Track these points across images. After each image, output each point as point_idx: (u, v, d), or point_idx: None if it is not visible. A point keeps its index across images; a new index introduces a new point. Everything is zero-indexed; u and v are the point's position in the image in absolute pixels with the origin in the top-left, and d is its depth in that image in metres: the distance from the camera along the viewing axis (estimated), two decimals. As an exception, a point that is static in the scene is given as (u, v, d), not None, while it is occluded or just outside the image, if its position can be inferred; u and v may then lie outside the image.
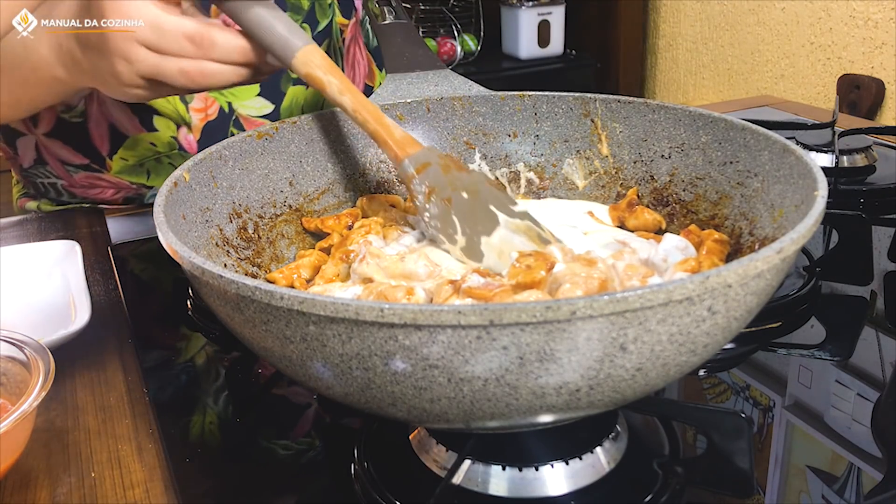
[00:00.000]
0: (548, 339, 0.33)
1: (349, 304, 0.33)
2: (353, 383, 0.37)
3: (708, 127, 0.56)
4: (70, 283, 0.67)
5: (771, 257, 0.36)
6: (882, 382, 0.56)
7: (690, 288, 0.33)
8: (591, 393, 0.36)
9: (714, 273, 0.34)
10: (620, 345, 0.34)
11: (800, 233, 0.38)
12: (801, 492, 0.47)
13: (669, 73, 2.28)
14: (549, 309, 0.32)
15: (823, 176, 0.44)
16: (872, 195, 0.83)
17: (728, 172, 0.54)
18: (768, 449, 0.50)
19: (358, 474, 0.47)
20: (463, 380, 0.35)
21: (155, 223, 0.45)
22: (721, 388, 0.57)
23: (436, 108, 0.66)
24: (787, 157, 0.48)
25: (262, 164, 0.59)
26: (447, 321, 0.32)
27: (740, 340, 0.61)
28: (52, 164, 0.90)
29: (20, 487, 0.48)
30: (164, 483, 0.48)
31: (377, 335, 0.34)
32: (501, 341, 0.33)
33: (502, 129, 0.66)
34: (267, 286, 0.35)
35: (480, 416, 0.37)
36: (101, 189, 0.91)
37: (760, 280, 0.37)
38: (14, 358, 0.49)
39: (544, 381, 0.35)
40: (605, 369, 0.35)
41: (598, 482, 0.45)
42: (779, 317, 0.63)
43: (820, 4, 1.75)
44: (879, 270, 0.70)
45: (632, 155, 0.61)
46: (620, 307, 0.33)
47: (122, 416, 0.54)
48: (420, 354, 0.34)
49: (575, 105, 0.63)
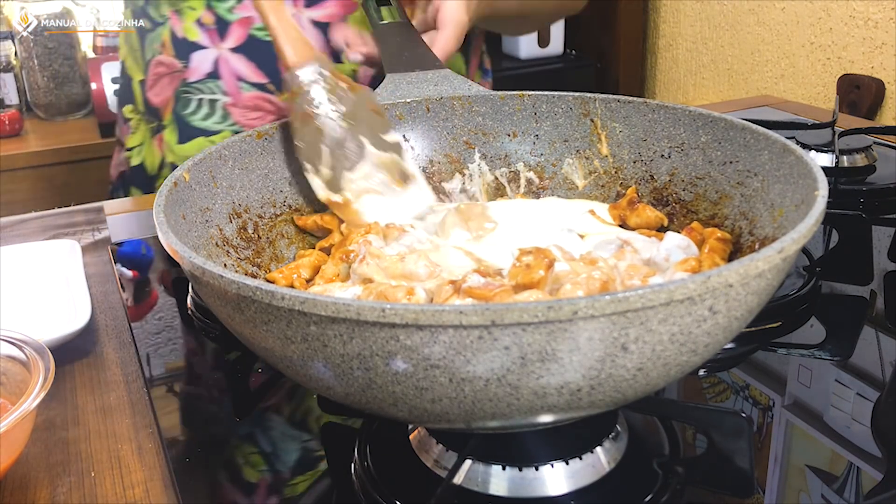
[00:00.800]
0: (549, 339, 0.33)
1: (350, 304, 0.33)
2: (354, 383, 0.37)
3: (708, 127, 0.56)
4: (70, 283, 0.67)
5: (772, 257, 0.36)
6: (882, 382, 0.56)
7: (692, 288, 0.33)
8: (592, 393, 0.36)
9: (715, 273, 0.34)
10: (622, 345, 0.34)
11: (800, 232, 0.38)
12: (800, 491, 0.47)
13: (669, 73, 2.28)
14: (551, 309, 0.32)
15: (824, 175, 0.44)
16: (872, 195, 0.83)
17: (728, 172, 0.54)
18: (768, 448, 0.50)
19: (358, 474, 0.47)
20: (464, 380, 0.35)
21: (155, 223, 0.45)
22: (721, 388, 0.57)
23: (435, 108, 0.66)
24: (787, 157, 0.48)
25: (261, 164, 0.59)
26: (449, 321, 0.32)
27: (740, 340, 0.61)
28: (227, 78, 0.91)
29: (20, 487, 0.48)
30: (164, 483, 0.48)
31: (378, 335, 0.34)
32: (503, 341, 0.33)
33: (502, 128, 0.66)
34: (268, 286, 0.35)
35: (482, 416, 0.37)
36: (262, 114, 0.92)
37: (761, 280, 0.37)
38: (14, 358, 0.49)
39: (546, 381, 0.35)
40: (607, 369, 0.35)
41: (598, 482, 0.45)
42: (779, 317, 0.63)
43: (820, 4, 1.75)
44: (879, 270, 0.70)
45: (631, 154, 0.61)
46: (622, 307, 0.33)
47: (122, 416, 0.54)
48: (421, 354, 0.34)
49: (575, 105, 0.63)
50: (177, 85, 0.93)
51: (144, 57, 0.95)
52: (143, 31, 0.94)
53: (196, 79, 0.92)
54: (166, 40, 0.92)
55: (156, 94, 0.95)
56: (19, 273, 0.69)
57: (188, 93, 0.93)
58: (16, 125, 1.91)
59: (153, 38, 0.94)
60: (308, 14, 0.89)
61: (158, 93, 0.95)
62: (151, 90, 0.96)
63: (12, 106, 1.95)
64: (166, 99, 0.95)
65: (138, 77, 0.97)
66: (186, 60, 0.92)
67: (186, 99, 0.93)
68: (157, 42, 0.93)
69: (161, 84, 0.94)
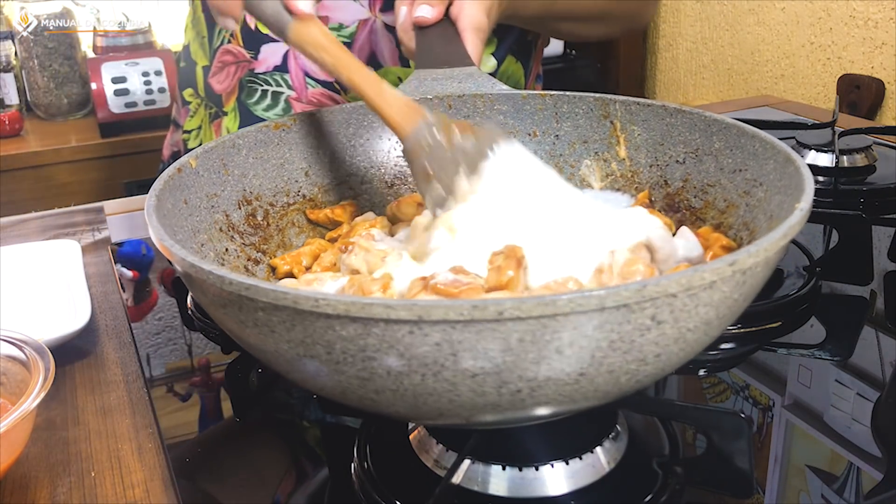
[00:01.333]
0: (479, 339, 0.33)
1: (287, 292, 0.34)
2: (303, 371, 0.38)
3: (722, 133, 0.55)
4: (70, 283, 0.67)
5: (721, 269, 0.34)
6: (882, 382, 0.56)
7: (626, 295, 0.33)
8: (534, 395, 0.36)
9: (653, 281, 0.33)
10: (556, 348, 0.34)
11: (761, 246, 0.36)
12: (800, 491, 0.47)
13: (669, 73, 2.28)
14: (476, 308, 0.32)
15: (811, 188, 0.43)
16: (872, 195, 0.82)
17: (737, 181, 0.53)
18: (768, 448, 0.50)
19: (358, 474, 0.47)
20: (402, 373, 0.35)
21: (146, 204, 0.45)
22: (721, 388, 0.57)
23: (457, 105, 0.65)
24: (788, 168, 0.47)
25: (277, 154, 0.60)
26: (378, 314, 0.33)
27: (740, 340, 0.61)
28: (294, 73, 0.92)
29: (20, 487, 0.48)
30: (164, 483, 0.48)
31: (316, 325, 0.34)
32: (433, 337, 0.33)
33: (523, 127, 0.65)
34: (219, 270, 0.36)
35: (427, 410, 0.37)
36: None
37: (714, 292, 0.35)
38: (14, 358, 0.49)
39: (481, 378, 0.35)
40: (543, 372, 0.35)
41: (598, 482, 0.45)
42: (779, 317, 0.63)
43: (820, 4, 1.75)
44: (879, 270, 0.70)
45: (648, 158, 0.61)
46: (549, 310, 0.32)
47: (122, 416, 0.54)
48: (357, 346, 0.34)
49: (595, 106, 0.63)
50: (242, 74, 0.94)
51: (212, 44, 0.96)
52: (211, 19, 0.94)
53: (263, 70, 0.93)
54: (236, 31, 0.93)
55: (219, 81, 0.96)
56: (19, 273, 0.69)
57: (253, 82, 0.94)
58: (16, 125, 1.90)
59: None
60: (383, 18, 0.90)
61: (222, 80, 0.96)
62: (215, 77, 0.97)
63: (12, 106, 1.94)
64: (230, 86, 0.96)
65: (203, 62, 0.98)
66: (255, 51, 0.93)
67: (252, 89, 0.94)
68: (228, 31, 0.94)
69: (226, 72, 0.95)
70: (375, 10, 0.90)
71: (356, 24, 0.90)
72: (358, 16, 0.90)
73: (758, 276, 0.38)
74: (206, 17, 0.97)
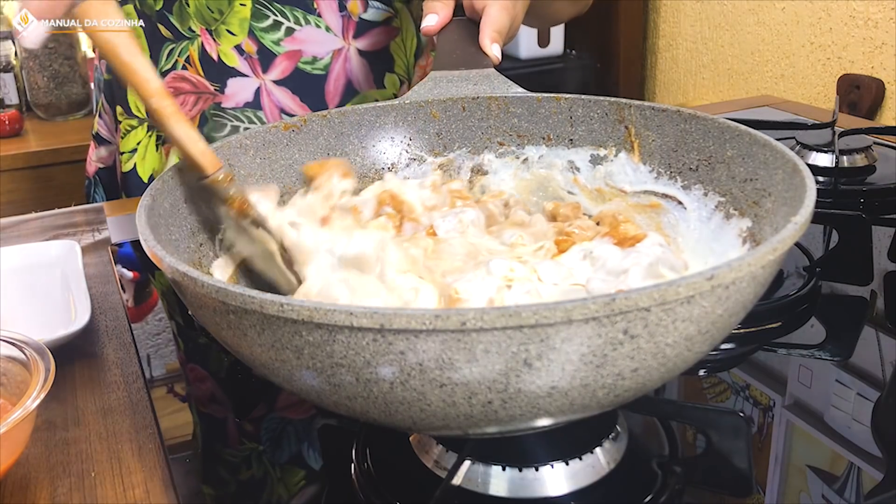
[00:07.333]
0: (444, 349, 0.32)
1: (255, 296, 0.34)
2: (278, 373, 0.38)
3: (734, 140, 0.54)
4: (70, 283, 0.67)
5: (699, 283, 0.33)
6: (882, 382, 0.56)
7: (593, 308, 0.32)
8: (506, 406, 0.35)
9: (623, 295, 0.32)
10: (524, 360, 0.33)
11: (744, 261, 0.35)
12: (800, 491, 0.47)
13: (669, 73, 2.28)
14: (439, 318, 0.31)
15: (812, 201, 0.42)
16: (872, 195, 0.82)
17: (747, 190, 0.52)
18: (768, 448, 0.50)
19: (358, 474, 0.47)
20: (370, 380, 0.34)
21: (139, 203, 0.46)
22: (721, 388, 0.57)
23: (471, 108, 0.64)
24: (795, 178, 0.46)
25: (286, 155, 0.59)
26: (340, 321, 0.32)
27: (740, 340, 0.61)
28: (269, 110, 0.90)
29: (20, 487, 0.48)
30: (164, 483, 0.48)
31: (284, 329, 0.34)
32: (397, 346, 0.33)
33: (537, 131, 0.64)
34: (194, 273, 0.37)
35: (401, 418, 0.37)
36: None
37: (693, 307, 0.34)
38: (14, 358, 0.49)
39: (450, 389, 0.34)
40: (514, 384, 0.34)
41: (597, 482, 0.45)
42: (779, 317, 0.63)
43: (820, 4, 1.75)
44: (879, 270, 0.70)
45: (661, 166, 0.60)
46: (514, 321, 0.31)
47: (122, 417, 0.54)
48: (325, 352, 0.34)
49: (611, 110, 0.61)
50: (206, 107, 0.91)
51: (159, 65, 0.90)
52: (158, 37, 0.90)
53: (232, 105, 0.90)
54: (194, 58, 0.89)
55: None
56: (19, 273, 0.69)
57: (220, 117, 0.90)
58: (16, 125, 1.90)
59: (176, 50, 0.90)
60: (356, 45, 0.89)
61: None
62: None
63: (12, 106, 1.94)
64: (190, 117, 0.91)
65: None
66: (221, 84, 0.89)
67: (220, 123, 0.91)
68: (181, 56, 0.89)
69: (182, 100, 0.90)
70: (349, 38, 0.89)
71: (330, 54, 0.89)
72: (331, 46, 0.89)
73: (744, 291, 0.36)
74: (147, 31, 0.90)
